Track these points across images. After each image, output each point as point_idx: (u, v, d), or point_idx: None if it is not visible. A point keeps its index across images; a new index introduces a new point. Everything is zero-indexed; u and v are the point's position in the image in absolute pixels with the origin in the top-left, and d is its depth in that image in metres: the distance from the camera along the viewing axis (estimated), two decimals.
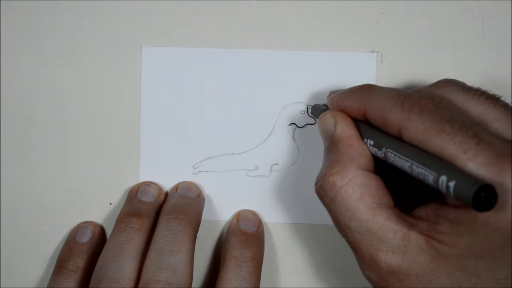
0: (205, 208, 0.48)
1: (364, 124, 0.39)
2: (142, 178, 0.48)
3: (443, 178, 0.32)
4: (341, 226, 0.37)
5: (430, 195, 0.37)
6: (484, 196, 0.31)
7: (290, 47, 0.47)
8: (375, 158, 0.38)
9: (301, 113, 0.48)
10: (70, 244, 0.48)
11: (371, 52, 0.47)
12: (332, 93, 0.42)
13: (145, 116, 0.48)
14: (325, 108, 0.43)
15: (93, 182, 0.49)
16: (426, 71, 0.47)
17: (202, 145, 0.48)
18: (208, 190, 0.48)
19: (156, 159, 0.48)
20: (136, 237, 0.45)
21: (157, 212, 0.47)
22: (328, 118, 0.40)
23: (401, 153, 0.36)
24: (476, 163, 0.32)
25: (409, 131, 0.35)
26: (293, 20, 0.47)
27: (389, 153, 0.36)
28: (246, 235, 0.46)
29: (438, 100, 0.36)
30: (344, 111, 0.40)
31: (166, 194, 0.48)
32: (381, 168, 0.39)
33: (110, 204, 0.49)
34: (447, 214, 0.34)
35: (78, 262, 0.47)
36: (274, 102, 0.48)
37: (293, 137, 0.48)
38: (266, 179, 0.48)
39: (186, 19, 0.47)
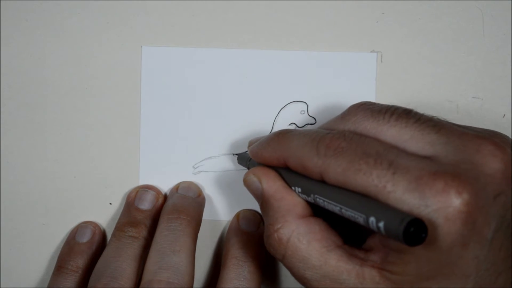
0: (205, 208, 0.48)
1: (288, 172, 0.39)
2: (142, 178, 0.48)
3: (372, 219, 0.32)
4: (298, 277, 0.37)
5: None
6: (414, 231, 0.31)
7: (290, 47, 0.47)
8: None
9: (301, 113, 0.48)
10: (70, 244, 0.48)
11: (371, 52, 0.47)
12: (251, 143, 0.42)
13: (145, 116, 0.48)
14: (249, 157, 0.43)
15: (93, 182, 0.49)
16: (426, 71, 0.47)
17: (202, 145, 0.48)
18: (208, 190, 0.48)
19: (156, 159, 0.48)
20: (135, 244, 0.45)
21: (155, 217, 0.47)
22: (251, 178, 0.40)
23: (328, 197, 0.35)
24: (398, 193, 0.32)
25: (329, 175, 0.35)
26: (293, 20, 0.47)
27: (318, 199, 0.36)
28: (247, 235, 0.46)
29: (350, 136, 0.36)
30: (265, 162, 0.40)
31: (165, 196, 0.48)
32: (320, 209, 0.38)
33: (110, 204, 0.49)
34: (390, 244, 0.34)
35: (78, 262, 0.47)
36: (274, 102, 0.48)
37: None
38: None
39: (186, 19, 0.47)
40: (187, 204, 0.46)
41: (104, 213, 0.49)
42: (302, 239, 0.36)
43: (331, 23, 0.47)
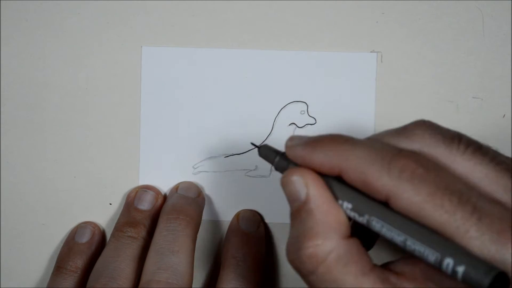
0: (205, 208, 0.48)
1: (337, 183, 0.34)
2: (142, 178, 0.48)
3: (449, 261, 0.30)
4: None
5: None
6: (499, 286, 0.29)
7: (290, 47, 0.47)
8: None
9: (301, 113, 0.48)
10: (69, 244, 0.48)
11: (371, 52, 0.47)
12: (293, 139, 0.36)
13: (145, 116, 0.48)
14: (277, 153, 0.38)
15: (93, 182, 0.49)
16: (426, 71, 0.47)
17: (202, 145, 0.48)
18: (208, 190, 0.48)
19: (156, 159, 0.48)
20: (133, 244, 0.45)
21: (155, 217, 0.47)
22: (297, 181, 0.35)
23: (392, 224, 0.32)
24: (479, 242, 0.30)
25: (401, 201, 0.31)
26: (293, 20, 0.47)
27: (374, 222, 0.33)
28: (247, 235, 0.46)
29: (425, 161, 0.32)
30: (312, 167, 0.35)
31: (165, 197, 0.48)
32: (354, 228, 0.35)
33: (110, 204, 0.49)
34: (440, 281, 0.32)
35: (77, 263, 0.47)
36: (274, 102, 0.48)
37: None
38: (266, 179, 0.48)
39: (186, 19, 0.47)
40: (187, 204, 0.46)
41: (104, 213, 0.49)
42: (339, 261, 0.33)
43: (331, 23, 0.47)
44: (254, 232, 0.47)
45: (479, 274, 0.29)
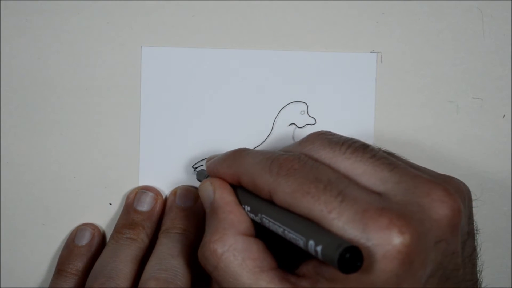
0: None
1: (241, 190, 0.39)
2: (142, 178, 0.48)
3: (311, 242, 0.33)
4: None
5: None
6: (349, 257, 0.31)
7: (290, 47, 0.47)
8: (257, 223, 0.38)
9: (301, 113, 0.48)
10: (69, 247, 0.48)
11: (371, 52, 0.47)
12: (210, 159, 0.42)
13: (145, 116, 0.48)
14: (207, 174, 0.43)
15: (93, 182, 0.49)
16: (426, 71, 0.47)
17: (202, 145, 0.48)
18: None
19: (156, 159, 0.48)
20: (132, 245, 0.45)
21: (154, 218, 0.47)
22: (207, 185, 0.40)
23: (273, 218, 0.36)
24: (342, 222, 0.33)
25: (278, 195, 0.35)
26: (293, 20, 0.47)
27: (264, 219, 0.37)
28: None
29: (304, 159, 0.36)
30: (221, 178, 0.40)
31: (165, 198, 0.48)
32: (264, 230, 0.38)
33: (110, 204, 0.49)
34: (324, 272, 0.34)
35: (77, 265, 0.47)
36: (274, 102, 0.48)
37: (293, 137, 0.48)
38: None
39: (186, 19, 0.47)
40: (185, 217, 0.47)
41: (104, 213, 0.49)
42: (237, 255, 0.36)
43: (331, 23, 0.47)
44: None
45: (332, 250, 0.31)
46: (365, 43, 0.47)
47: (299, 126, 0.48)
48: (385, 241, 0.32)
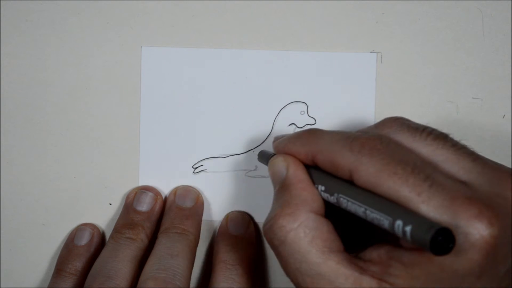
0: (204, 209, 0.48)
1: (314, 170, 0.38)
2: (142, 178, 0.48)
3: (399, 222, 0.32)
4: (291, 269, 0.36)
5: (382, 237, 0.36)
6: (441, 240, 0.31)
7: (290, 47, 0.47)
8: (325, 203, 0.38)
9: (301, 114, 0.48)
10: (68, 247, 0.48)
11: (371, 52, 0.47)
12: (277, 138, 0.41)
13: (145, 116, 0.48)
14: (272, 154, 0.42)
15: (93, 182, 0.49)
16: (426, 71, 0.47)
17: (202, 145, 0.48)
18: (208, 190, 0.48)
19: (156, 159, 0.48)
20: (132, 245, 0.45)
21: (154, 218, 0.47)
22: (279, 161, 0.39)
23: (354, 198, 0.35)
24: (430, 206, 0.32)
25: (360, 174, 0.34)
26: (293, 20, 0.47)
27: (341, 199, 0.36)
28: (235, 238, 0.46)
29: (386, 141, 0.35)
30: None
31: (164, 198, 0.48)
32: (331, 213, 0.38)
33: (110, 204, 0.49)
34: (400, 257, 0.34)
35: (77, 265, 0.47)
36: (274, 102, 0.48)
37: None
38: (266, 179, 0.48)
39: (186, 19, 0.47)
40: (185, 217, 0.46)
41: (104, 213, 0.49)
42: (308, 233, 0.36)
43: (331, 23, 0.47)
44: (243, 234, 0.47)
45: (423, 231, 0.31)
46: (365, 43, 0.47)
47: (299, 126, 0.48)
48: (475, 231, 0.31)
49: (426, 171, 0.33)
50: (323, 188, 0.37)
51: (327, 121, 0.48)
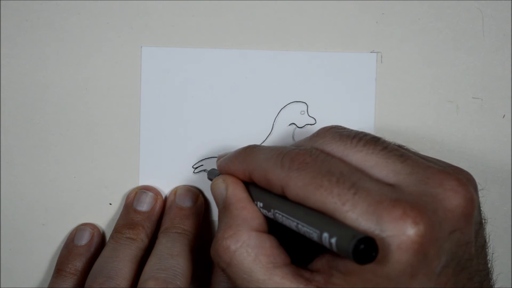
0: (204, 209, 0.48)
1: (253, 187, 0.39)
2: (142, 178, 0.48)
3: (325, 235, 0.33)
4: None
5: (326, 249, 0.37)
6: (364, 249, 0.31)
7: (290, 47, 0.47)
8: (269, 219, 0.38)
9: (301, 113, 0.48)
10: (68, 247, 0.48)
11: (371, 52, 0.47)
12: (220, 157, 0.42)
13: (145, 116, 0.48)
14: (218, 173, 0.43)
15: (93, 182, 0.49)
16: (426, 71, 0.47)
17: (202, 145, 0.48)
18: (208, 190, 0.48)
19: (156, 159, 0.48)
20: (132, 245, 0.45)
21: (154, 218, 0.47)
22: (219, 182, 0.40)
23: (287, 213, 0.36)
24: (355, 214, 0.33)
25: (290, 189, 0.35)
26: (293, 20, 0.47)
27: (277, 214, 0.37)
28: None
29: (316, 153, 0.36)
30: (233, 175, 0.40)
31: (164, 198, 0.48)
32: (276, 227, 0.38)
33: (110, 204, 0.49)
34: (338, 265, 0.34)
35: (77, 265, 0.47)
36: (274, 102, 0.48)
37: (293, 137, 0.48)
38: None
39: (186, 19, 0.47)
40: (185, 217, 0.47)
41: (104, 213, 0.49)
42: (250, 252, 0.36)
43: (331, 23, 0.47)
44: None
45: (346, 241, 0.31)
46: (365, 43, 0.47)
47: (299, 126, 0.48)
48: (400, 232, 0.32)
49: (351, 179, 0.34)
50: (261, 204, 0.38)
51: (327, 121, 0.48)
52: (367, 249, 0.31)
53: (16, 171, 0.49)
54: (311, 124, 0.48)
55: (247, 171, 0.39)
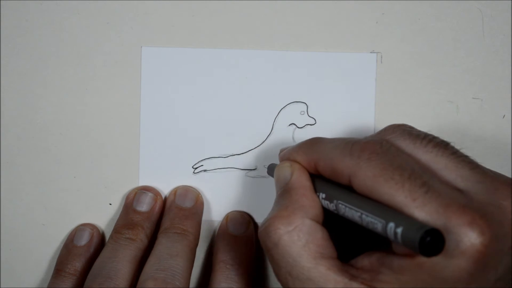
0: (204, 209, 0.48)
1: (317, 179, 0.39)
2: (142, 178, 0.48)
3: (391, 225, 0.32)
4: (282, 272, 0.36)
5: (376, 246, 0.37)
6: (430, 241, 0.31)
7: (290, 47, 0.47)
8: (326, 212, 0.38)
9: (301, 114, 0.48)
10: (68, 247, 0.48)
11: (371, 52, 0.47)
12: (282, 150, 0.42)
13: (145, 116, 0.48)
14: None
15: (93, 182, 0.49)
16: (426, 71, 0.47)
17: (202, 145, 0.48)
18: (208, 190, 0.48)
19: (156, 160, 0.48)
20: (131, 245, 0.45)
21: (153, 218, 0.47)
22: (285, 166, 0.40)
23: (351, 203, 0.35)
24: (424, 212, 0.32)
25: (358, 178, 0.35)
26: (293, 20, 0.47)
27: (340, 205, 0.36)
28: (234, 238, 0.46)
29: (387, 145, 0.36)
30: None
31: (164, 198, 0.48)
32: (331, 223, 0.38)
33: (110, 204, 0.49)
34: (391, 263, 0.34)
35: (76, 265, 0.47)
36: (274, 102, 0.48)
37: (293, 138, 0.48)
38: (266, 179, 0.48)
39: (186, 19, 0.47)
40: (184, 217, 0.46)
41: (104, 213, 0.49)
42: (302, 237, 0.36)
43: (331, 23, 0.47)
44: (242, 234, 0.47)
45: (413, 232, 0.31)
46: (365, 43, 0.47)
47: (299, 126, 0.48)
48: (466, 238, 0.32)
49: (423, 178, 0.34)
50: (324, 195, 0.38)
51: (327, 121, 0.48)
52: (433, 242, 0.31)
53: (16, 171, 0.49)
54: (311, 125, 0.48)
55: (313, 161, 0.38)
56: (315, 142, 0.39)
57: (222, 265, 0.45)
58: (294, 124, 0.48)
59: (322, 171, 0.38)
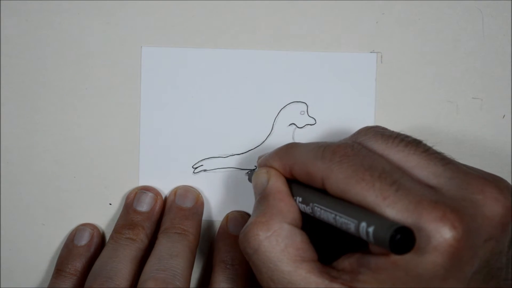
0: (204, 208, 0.48)
1: (294, 183, 0.40)
2: (142, 178, 0.48)
3: (363, 224, 0.33)
4: (264, 277, 0.37)
5: (355, 247, 0.37)
6: (401, 238, 0.31)
7: (290, 47, 0.47)
8: (304, 216, 0.39)
9: (301, 114, 0.48)
10: (68, 247, 0.48)
11: (371, 52, 0.47)
12: (260, 157, 0.43)
13: (145, 116, 0.48)
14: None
15: (93, 182, 0.49)
16: (426, 71, 0.47)
17: (202, 145, 0.48)
18: (208, 190, 0.48)
19: (156, 159, 0.48)
20: (132, 245, 0.45)
21: (154, 218, 0.47)
22: (262, 173, 0.41)
23: (325, 206, 0.36)
24: (395, 210, 0.33)
25: (331, 181, 0.35)
26: (293, 20, 0.47)
27: (315, 208, 0.37)
28: (234, 238, 0.46)
29: (358, 148, 0.36)
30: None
31: (164, 198, 0.48)
32: (309, 227, 0.39)
33: (110, 204, 0.49)
34: (368, 263, 0.34)
35: (76, 265, 0.47)
36: (274, 102, 0.48)
37: (293, 138, 0.48)
38: None
39: (186, 19, 0.47)
40: (185, 218, 0.47)
41: (104, 213, 0.49)
42: (280, 241, 0.37)
43: (331, 23, 0.47)
44: None
45: (383, 230, 0.32)
46: (365, 43, 0.47)
47: (299, 126, 0.48)
48: (437, 234, 0.32)
49: (393, 176, 0.34)
50: (300, 199, 0.39)
51: (327, 121, 0.48)
52: (404, 239, 0.31)
53: (16, 171, 0.49)
54: (311, 124, 0.48)
55: (288, 166, 0.39)
56: (290, 148, 0.40)
57: (222, 265, 0.45)
58: (294, 124, 0.48)
59: (298, 176, 0.38)
